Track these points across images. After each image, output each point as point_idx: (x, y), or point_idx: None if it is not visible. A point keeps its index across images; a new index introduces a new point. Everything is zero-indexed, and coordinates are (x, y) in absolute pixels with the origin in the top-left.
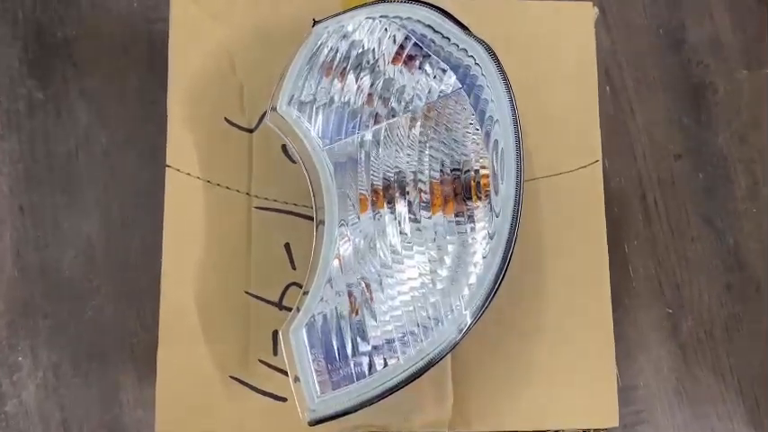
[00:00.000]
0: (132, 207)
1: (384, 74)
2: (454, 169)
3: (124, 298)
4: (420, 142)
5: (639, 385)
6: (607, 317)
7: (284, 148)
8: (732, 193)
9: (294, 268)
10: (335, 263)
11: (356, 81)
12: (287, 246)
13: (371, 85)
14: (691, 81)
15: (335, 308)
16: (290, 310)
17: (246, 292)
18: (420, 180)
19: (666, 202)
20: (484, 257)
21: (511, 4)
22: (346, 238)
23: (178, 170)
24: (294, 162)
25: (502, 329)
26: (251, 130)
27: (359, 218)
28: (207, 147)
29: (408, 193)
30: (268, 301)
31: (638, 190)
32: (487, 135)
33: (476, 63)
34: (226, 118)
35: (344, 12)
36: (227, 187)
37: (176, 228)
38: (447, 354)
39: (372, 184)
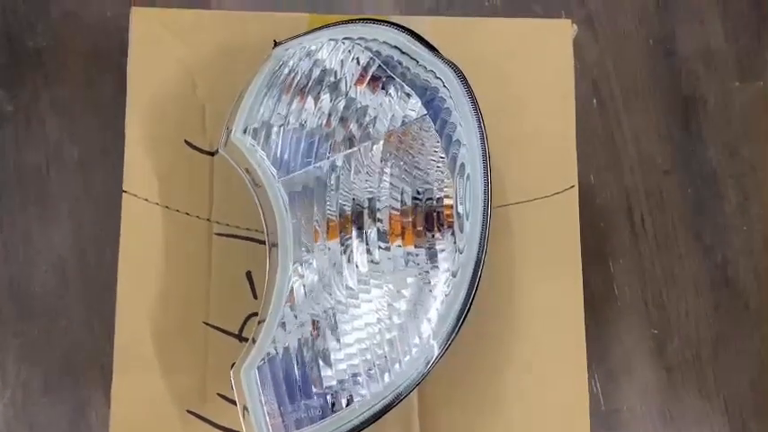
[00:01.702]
0: (105, 222)
1: (346, 95)
2: (414, 198)
3: (95, 315)
4: (380, 170)
5: (623, 408)
6: (580, 348)
7: (248, 171)
8: (722, 209)
9: (255, 297)
10: (292, 293)
11: (316, 102)
12: (248, 274)
13: (332, 106)
14: (681, 92)
15: (294, 341)
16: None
17: (205, 323)
18: (378, 209)
19: (654, 218)
20: (446, 295)
21: (484, 22)
22: (299, 271)
23: (135, 195)
24: (258, 186)
25: (470, 361)
26: (212, 153)
27: (313, 249)
28: (166, 171)
29: (364, 223)
30: (227, 332)
31: (625, 205)
32: (453, 160)
33: (443, 85)
34: (186, 140)
35: (307, 33)
36: (187, 213)
37: (133, 255)
38: (414, 388)
39: (327, 215)
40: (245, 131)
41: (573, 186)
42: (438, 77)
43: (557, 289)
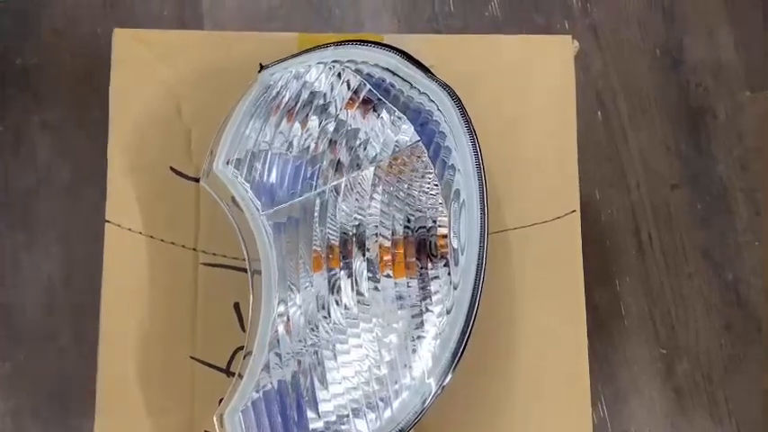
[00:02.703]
0: (96, 246)
1: (336, 118)
2: (406, 226)
3: (86, 342)
4: (370, 196)
5: (631, 431)
6: (584, 377)
7: (233, 200)
8: (732, 225)
9: (244, 330)
10: (276, 333)
11: (303, 125)
12: (236, 305)
13: (320, 128)
14: (689, 105)
15: (276, 382)
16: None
17: (192, 357)
18: (367, 237)
19: (662, 236)
20: (440, 332)
21: (480, 39)
22: (283, 311)
23: (119, 225)
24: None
25: (469, 394)
26: (198, 180)
27: (298, 286)
28: (150, 199)
29: (352, 254)
30: (215, 367)
31: (632, 222)
32: (448, 186)
33: (438, 109)
34: (171, 167)
35: (294, 56)
36: (172, 242)
37: (116, 287)
38: (411, 429)
39: (313, 247)
40: (227, 162)
41: (574, 211)
42: (432, 101)
43: (558, 318)
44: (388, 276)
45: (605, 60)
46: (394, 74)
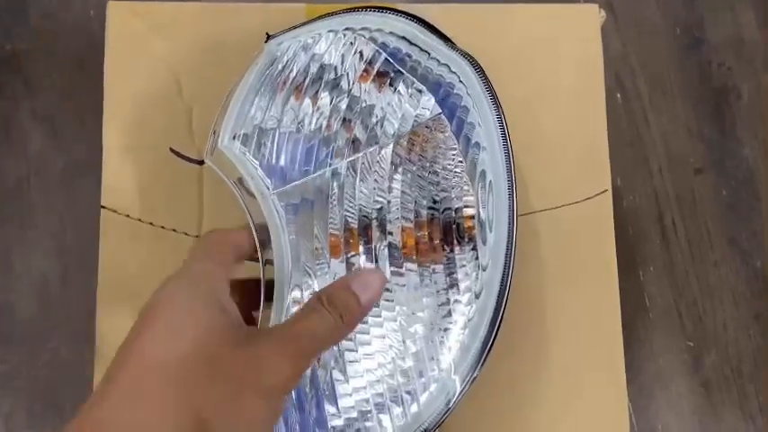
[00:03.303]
0: (91, 241)
1: (348, 94)
2: (430, 208)
3: (82, 341)
4: (390, 176)
5: (657, 428)
6: (619, 367)
7: (240, 181)
8: (759, 211)
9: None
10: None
11: (314, 102)
12: None
13: (332, 106)
14: (712, 85)
15: None
16: None
17: None
18: (389, 221)
19: (686, 222)
20: (469, 319)
21: (500, 8)
22: (298, 298)
23: (115, 211)
24: (251, 197)
25: (499, 384)
26: (201, 162)
27: (314, 271)
28: (149, 183)
29: (373, 238)
30: None
31: (655, 209)
32: (473, 165)
33: (459, 81)
34: (171, 148)
35: (302, 24)
36: (174, 229)
37: (113, 278)
38: (435, 428)
39: (329, 230)
40: (233, 137)
41: (606, 191)
42: (453, 72)
43: (590, 304)
44: (411, 261)
45: (623, 40)
46: (411, 43)
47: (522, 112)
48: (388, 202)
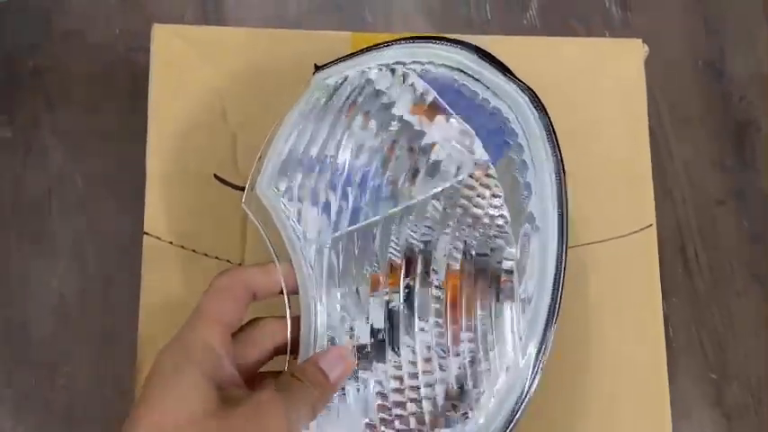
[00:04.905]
0: (111, 259)
1: (403, 128)
2: (471, 256)
3: (100, 363)
4: (441, 222)
5: None
6: (665, 404)
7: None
8: None
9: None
10: None
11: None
12: None
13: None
14: (733, 118)
15: None
16: None
17: None
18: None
19: (708, 254)
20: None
21: (544, 42)
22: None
23: (158, 238)
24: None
25: (541, 426)
26: (244, 188)
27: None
28: (193, 209)
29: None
30: None
31: (678, 240)
32: (519, 209)
33: (516, 119)
34: (215, 175)
35: (351, 56)
36: (217, 257)
37: (155, 307)
38: None
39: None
40: (272, 184)
41: (651, 225)
42: (510, 108)
43: (636, 342)
44: (443, 320)
45: (647, 71)
46: (466, 74)
47: (566, 147)
48: (432, 248)
